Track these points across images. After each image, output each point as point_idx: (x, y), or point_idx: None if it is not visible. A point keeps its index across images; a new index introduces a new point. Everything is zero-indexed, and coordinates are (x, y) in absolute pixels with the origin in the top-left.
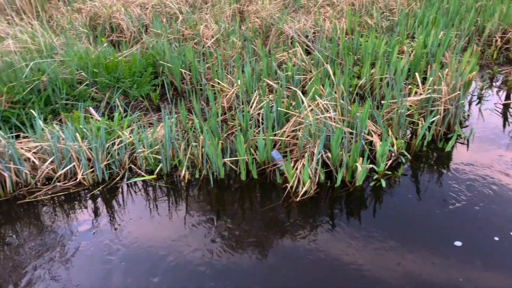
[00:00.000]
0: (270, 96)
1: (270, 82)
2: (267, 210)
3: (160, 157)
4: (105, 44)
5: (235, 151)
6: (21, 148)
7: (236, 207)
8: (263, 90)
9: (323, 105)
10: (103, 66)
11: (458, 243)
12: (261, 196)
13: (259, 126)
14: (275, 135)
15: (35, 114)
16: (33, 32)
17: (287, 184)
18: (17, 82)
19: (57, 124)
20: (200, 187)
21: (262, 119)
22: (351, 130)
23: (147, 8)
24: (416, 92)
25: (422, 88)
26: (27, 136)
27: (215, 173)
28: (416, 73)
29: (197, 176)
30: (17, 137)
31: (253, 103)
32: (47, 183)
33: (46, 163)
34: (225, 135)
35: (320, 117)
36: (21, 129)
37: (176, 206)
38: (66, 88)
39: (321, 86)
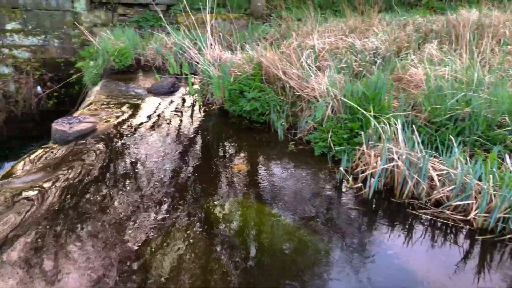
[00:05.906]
0: None
1: None
2: None
3: None
4: None
5: None
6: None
7: None
8: None
9: None
10: None
11: None
12: None
13: None
14: None
15: (454, 143)
16: (468, 65)
17: None
18: (442, 106)
19: (465, 157)
20: None
21: None
22: None
23: None
24: None
25: None
26: (435, 156)
27: None
28: None
29: None
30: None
31: None
32: (433, 205)
33: (445, 188)
34: None
35: None
36: (436, 147)
37: None
38: (484, 126)
39: None
